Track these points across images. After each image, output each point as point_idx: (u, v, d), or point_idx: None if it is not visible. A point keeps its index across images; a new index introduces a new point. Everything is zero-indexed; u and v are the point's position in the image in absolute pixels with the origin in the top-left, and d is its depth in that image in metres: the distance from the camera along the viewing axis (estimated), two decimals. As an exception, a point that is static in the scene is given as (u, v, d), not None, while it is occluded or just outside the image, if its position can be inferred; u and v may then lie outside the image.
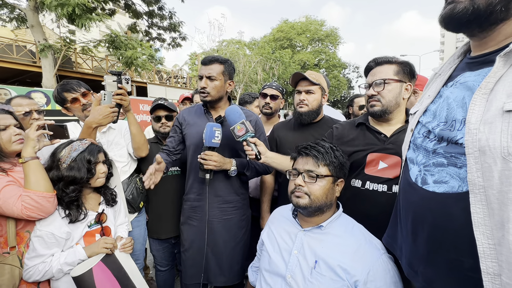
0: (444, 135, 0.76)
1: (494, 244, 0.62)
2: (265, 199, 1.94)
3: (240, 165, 1.60)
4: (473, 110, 0.65)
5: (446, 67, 0.87)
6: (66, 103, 1.77)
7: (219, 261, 1.63)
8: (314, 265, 1.05)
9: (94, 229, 1.40)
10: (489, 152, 0.61)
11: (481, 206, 0.64)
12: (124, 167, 1.90)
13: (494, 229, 0.62)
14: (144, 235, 2.02)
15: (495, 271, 0.62)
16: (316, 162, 1.11)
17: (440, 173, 0.76)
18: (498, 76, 0.63)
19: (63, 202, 1.30)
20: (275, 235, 1.24)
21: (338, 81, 28.43)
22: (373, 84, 1.33)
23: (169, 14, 12.81)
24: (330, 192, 1.11)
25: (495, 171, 0.60)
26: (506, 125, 0.59)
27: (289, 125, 1.90)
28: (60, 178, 1.29)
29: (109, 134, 1.88)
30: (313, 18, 29.89)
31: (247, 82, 19.06)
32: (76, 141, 1.37)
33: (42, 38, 9.46)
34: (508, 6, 0.64)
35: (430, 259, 0.79)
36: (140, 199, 1.94)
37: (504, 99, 0.60)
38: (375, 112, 1.34)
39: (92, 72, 13.88)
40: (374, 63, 1.36)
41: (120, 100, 1.60)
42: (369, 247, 1.04)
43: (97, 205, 1.46)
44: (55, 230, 1.25)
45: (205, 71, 1.58)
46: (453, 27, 0.74)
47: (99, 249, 1.34)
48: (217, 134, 1.44)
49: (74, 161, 1.31)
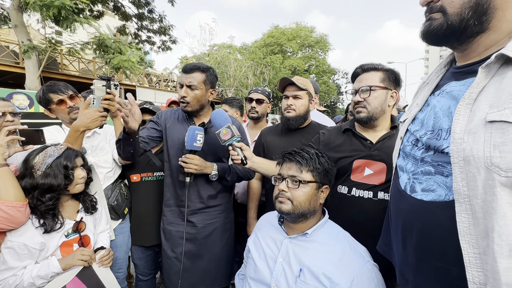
0: (431, 144, 0.76)
1: (480, 253, 0.62)
2: (251, 205, 1.92)
3: (221, 170, 1.59)
4: (458, 120, 0.66)
5: (433, 76, 0.89)
6: (50, 104, 1.70)
7: (204, 266, 1.61)
8: (299, 274, 1.03)
9: (71, 238, 1.33)
10: (473, 162, 0.61)
11: (466, 215, 0.64)
12: (109, 173, 1.85)
13: (479, 238, 0.62)
14: (128, 242, 1.95)
15: (481, 281, 0.62)
16: (299, 167, 1.10)
17: (428, 181, 0.77)
18: (481, 86, 0.64)
19: (38, 211, 1.23)
20: (261, 242, 1.22)
21: (327, 87, 28.88)
22: (359, 91, 1.34)
23: (159, 18, 12.72)
24: (313, 199, 1.10)
25: (479, 181, 0.61)
26: (489, 136, 0.59)
27: (277, 130, 1.89)
28: (34, 186, 1.22)
29: (94, 139, 1.83)
30: (303, 25, 30.40)
31: (238, 87, 19.10)
32: (50, 147, 1.31)
33: (26, 38, 9.20)
34: (481, 20, 0.66)
35: (419, 268, 0.79)
36: (125, 205, 1.89)
37: (486, 109, 0.61)
38: (361, 118, 1.35)
39: (79, 74, 13.58)
40: (360, 69, 1.38)
41: (108, 105, 1.56)
42: (353, 254, 1.03)
43: (75, 213, 1.39)
44: (28, 241, 1.18)
45: (186, 80, 1.55)
46: (433, 42, 0.76)
47: (74, 261, 1.26)
48: (199, 138, 1.43)
49: (50, 167, 1.24)
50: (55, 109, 1.72)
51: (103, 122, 1.57)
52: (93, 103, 1.53)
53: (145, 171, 1.96)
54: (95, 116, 1.50)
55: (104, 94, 1.55)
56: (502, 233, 0.58)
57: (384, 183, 1.26)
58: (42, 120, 3.60)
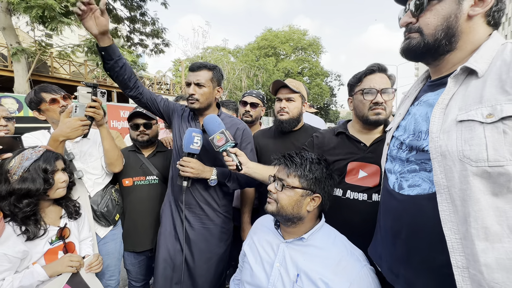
0: (413, 145, 0.87)
1: (461, 238, 0.69)
2: (245, 209, 1.90)
3: (221, 175, 1.54)
4: (434, 122, 0.77)
5: (412, 90, 1.02)
6: (42, 104, 1.65)
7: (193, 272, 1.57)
8: (296, 279, 1.02)
9: (56, 246, 1.27)
10: (448, 156, 0.71)
11: (446, 204, 0.72)
12: (98, 179, 1.80)
13: (459, 224, 0.69)
14: (120, 249, 1.90)
15: (463, 264, 0.68)
16: (287, 171, 1.09)
17: (414, 178, 0.85)
18: (451, 94, 0.76)
19: (17, 218, 1.16)
20: (257, 246, 1.20)
21: (321, 89, 29.08)
22: (381, 91, 1.27)
23: (152, 21, 12.64)
24: (297, 205, 1.06)
25: (455, 172, 0.70)
26: (460, 133, 0.70)
27: (270, 133, 1.89)
28: (10, 192, 1.14)
29: (83, 144, 1.78)
30: (296, 28, 30.64)
31: (232, 89, 19.10)
32: (27, 149, 1.23)
33: (14, 41, 9.03)
34: (451, 41, 0.80)
35: (409, 260, 0.84)
36: (116, 212, 1.84)
37: (456, 112, 0.72)
38: (379, 120, 1.29)
39: (70, 78, 13.37)
40: (377, 68, 1.31)
41: (93, 113, 1.53)
42: (350, 258, 1.03)
43: (58, 219, 1.33)
44: (9, 250, 1.10)
45: (193, 78, 1.54)
46: (411, 58, 0.90)
47: (63, 268, 1.21)
48: (196, 140, 1.40)
49: (27, 171, 1.17)
50: (46, 109, 1.67)
51: (85, 131, 1.53)
52: (75, 111, 1.49)
53: (137, 175, 1.93)
54: (76, 125, 1.46)
55: (89, 101, 1.51)
56: (477, 218, 0.65)
57: (378, 185, 1.26)
58: (31, 124, 3.53)
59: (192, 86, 1.54)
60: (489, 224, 0.63)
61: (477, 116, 0.67)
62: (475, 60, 0.74)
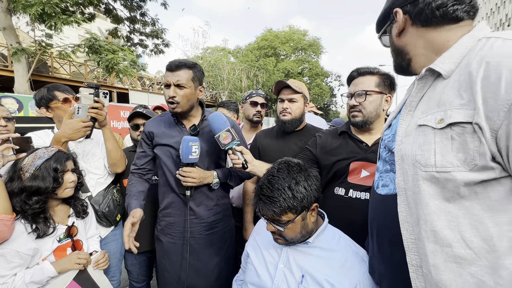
0: (388, 145, 0.90)
1: (415, 239, 0.71)
2: (248, 209, 1.90)
3: (222, 176, 1.52)
4: (401, 124, 0.78)
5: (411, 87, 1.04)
6: (53, 102, 1.66)
7: (203, 279, 1.52)
8: (301, 280, 1.02)
9: (65, 243, 1.30)
10: (406, 159, 0.72)
11: (404, 206, 0.74)
12: (100, 179, 1.80)
13: (414, 225, 0.71)
14: (121, 249, 1.91)
15: (417, 263, 0.71)
16: (276, 211, 0.98)
17: (386, 178, 0.89)
18: (419, 96, 0.76)
19: (28, 215, 1.19)
20: (261, 247, 1.20)
21: (321, 89, 29.08)
22: (355, 95, 1.35)
23: (152, 21, 12.65)
24: (303, 227, 1.03)
25: (409, 175, 0.71)
26: (416, 137, 0.70)
27: (272, 133, 1.89)
28: (22, 189, 1.18)
29: (86, 144, 1.78)
30: (296, 28, 30.67)
31: (232, 90, 19.10)
32: (41, 149, 1.27)
33: (15, 41, 9.04)
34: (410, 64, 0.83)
35: (381, 256, 0.89)
36: (117, 212, 1.84)
37: (419, 115, 0.72)
38: (356, 122, 1.36)
39: (70, 78, 13.37)
40: (356, 73, 1.38)
41: (96, 114, 1.52)
42: (355, 259, 1.03)
43: (66, 217, 1.35)
44: (20, 247, 1.13)
45: (173, 78, 1.39)
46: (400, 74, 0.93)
47: (71, 265, 1.23)
48: (194, 149, 1.34)
49: (39, 169, 1.20)
50: (56, 107, 1.68)
51: (87, 133, 1.53)
52: (77, 112, 1.49)
53: (138, 176, 1.92)
54: (78, 127, 1.46)
55: (92, 102, 1.51)
56: (426, 221, 0.66)
57: (381, 185, 1.27)
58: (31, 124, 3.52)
59: (172, 87, 1.39)
60: (438, 228, 0.64)
61: (430, 122, 0.67)
62: (441, 61, 0.70)
